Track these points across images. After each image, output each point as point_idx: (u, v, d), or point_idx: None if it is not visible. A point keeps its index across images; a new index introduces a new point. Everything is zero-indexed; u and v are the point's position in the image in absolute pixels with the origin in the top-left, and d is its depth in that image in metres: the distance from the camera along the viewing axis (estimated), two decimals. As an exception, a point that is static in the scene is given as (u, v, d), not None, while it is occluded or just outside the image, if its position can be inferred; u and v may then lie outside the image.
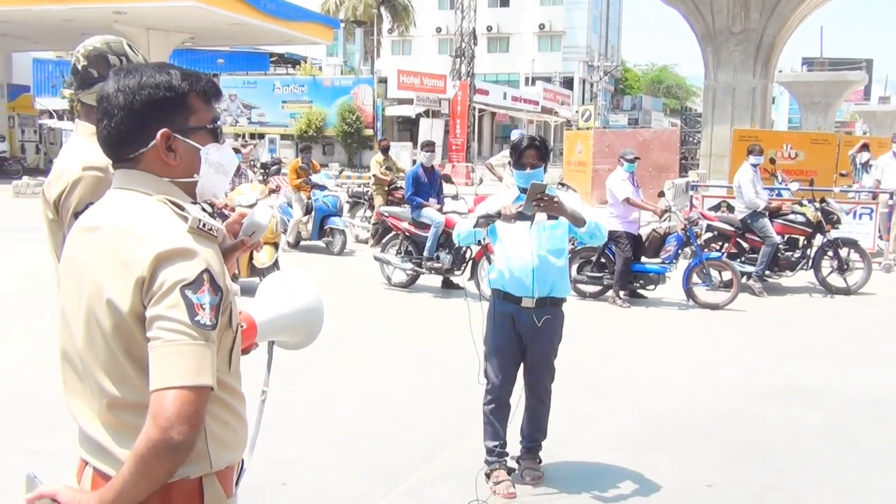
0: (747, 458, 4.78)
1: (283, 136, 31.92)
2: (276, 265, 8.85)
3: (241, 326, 2.14)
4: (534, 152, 4.31)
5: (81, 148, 2.58)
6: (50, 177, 2.61)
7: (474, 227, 4.21)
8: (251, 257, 8.71)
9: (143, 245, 1.58)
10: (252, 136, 36.77)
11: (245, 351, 2.26)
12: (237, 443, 1.79)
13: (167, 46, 29.90)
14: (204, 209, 1.84)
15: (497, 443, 4.35)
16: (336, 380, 6.21)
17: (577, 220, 4.08)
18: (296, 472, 4.47)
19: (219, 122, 1.82)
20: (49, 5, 24.35)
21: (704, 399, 5.87)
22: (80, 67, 2.63)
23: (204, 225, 1.65)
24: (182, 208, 1.66)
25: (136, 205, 1.67)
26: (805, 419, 5.49)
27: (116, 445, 1.62)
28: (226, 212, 9.15)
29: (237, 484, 1.87)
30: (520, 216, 4.04)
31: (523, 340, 4.32)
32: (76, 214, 2.40)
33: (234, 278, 2.18)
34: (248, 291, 5.52)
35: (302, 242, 12.59)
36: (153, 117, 1.69)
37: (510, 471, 4.35)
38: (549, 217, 4.10)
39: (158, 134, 1.69)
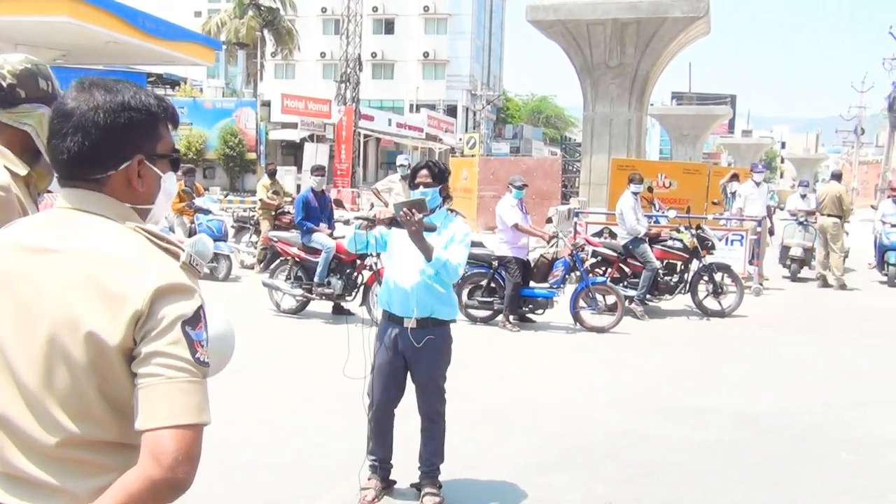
0: (643, 476, 4.92)
1: (161, 159, 30.88)
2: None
3: None
4: (426, 172, 4.39)
5: None
6: None
7: (357, 229, 4.27)
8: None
9: (139, 277, 1.50)
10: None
11: None
12: None
13: (36, 63, 28.53)
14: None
15: (374, 457, 4.46)
16: (228, 409, 5.98)
17: (425, 252, 4.12)
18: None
19: (178, 151, 1.77)
20: None
21: (598, 419, 6.02)
22: (4, 85, 2.47)
23: (194, 261, 1.60)
24: (163, 239, 1.60)
25: (107, 230, 1.58)
26: (693, 436, 5.71)
27: (64, 483, 1.51)
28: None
29: None
30: (392, 222, 4.08)
31: (407, 361, 4.33)
32: None
33: None
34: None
35: (185, 268, 12.17)
36: (130, 140, 1.61)
37: (387, 483, 4.49)
38: (426, 228, 4.07)
39: (135, 159, 1.62)
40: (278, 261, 9.77)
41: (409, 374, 4.42)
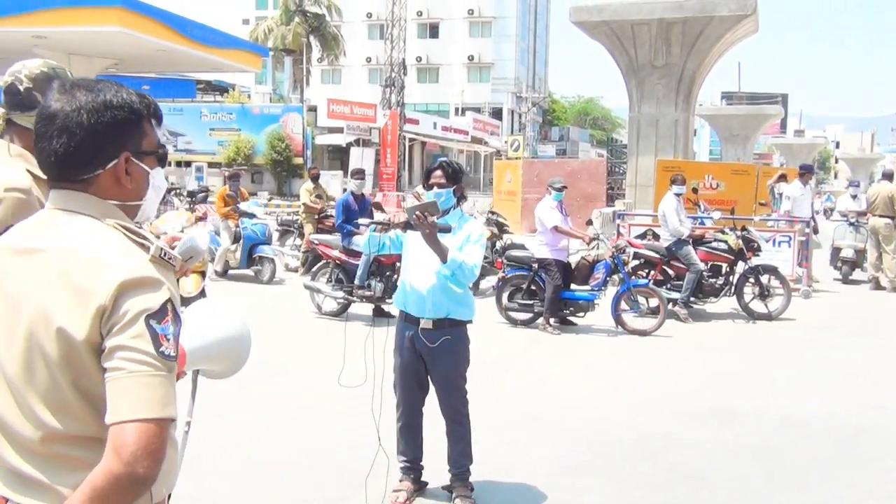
0: (681, 480, 4.83)
1: (211, 164, 31.45)
2: (202, 294, 8.62)
3: None
4: (440, 173, 4.37)
5: (2, 169, 2.48)
6: None
7: (372, 232, 4.27)
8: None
9: (104, 272, 1.51)
10: (179, 163, 36.14)
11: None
12: (174, 471, 1.74)
13: (90, 72, 29.15)
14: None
15: (405, 458, 4.46)
16: (265, 409, 6.07)
17: (440, 254, 4.07)
18: (223, 505, 4.33)
19: (165, 147, 1.78)
20: (-38, 28, 23.60)
21: (637, 423, 5.93)
22: (21, 89, 2.53)
23: (164, 254, 1.59)
24: (138, 234, 1.60)
25: (86, 228, 1.59)
26: (736, 440, 5.59)
27: (52, 479, 1.54)
28: (151, 239, 8.93)
29: None
30: (407, 225, 4.05)
31: (424, 362, 4.32)
32: None
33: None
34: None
35: (230, 271, 12.35)
36: (115, 139, 1.63)
37: (419, 484, 4.49)
38: (441, 230, 4.03)
39: (122, 157, 1.63)
40: (320, 264, 9.85)
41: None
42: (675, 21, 21.30)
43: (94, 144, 1.62)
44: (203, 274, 9.60)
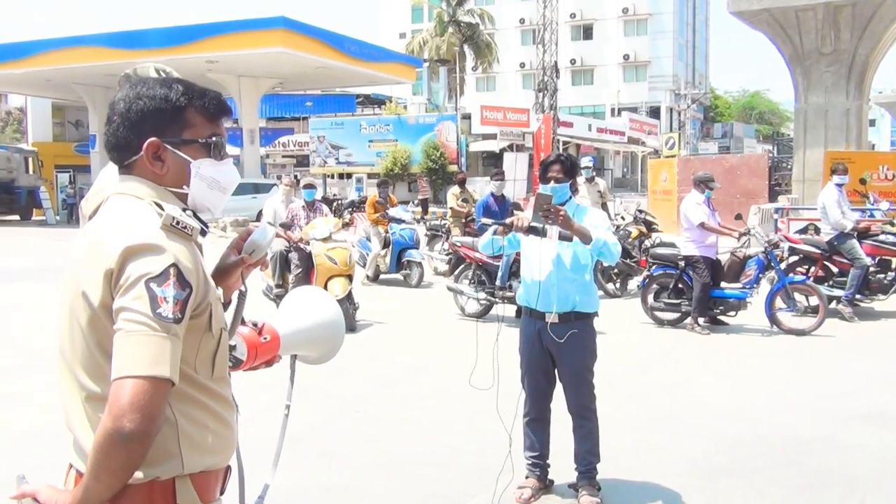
0: (826, 484, 4.52)
1: (370, 175, 32.46)
2: (349, 298, 8.94)
3: (265, 339, 2.16)
4: (558, 167, 4.33)
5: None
6: (89, 193, 2.72)
7: (493, 234, 4.26)
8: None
9: (115, 238, 1.62)
10: (341, 175, 37.61)
11: (268, 363, 2.27)
12: (219, 447, 1.77)
13: (257, 92, 31.04)
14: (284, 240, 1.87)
15: (533, 454, 4.42)
16: (404, 407, 6.20)
17: (584, 237, 4.03)
18: (352, 496, 4.47)
19: (216, 139, 1.84)
20: (148, 57, 25.65)
21: (786, 425, 5.60)
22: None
23: (177, 223, 1.67)
24: (162, 208, 1.70)
25: (124, 205, 1.72)
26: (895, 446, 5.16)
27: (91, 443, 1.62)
28: (301, 245, 9.35)
29: (222, 492, 1.85)
30: (531, 229, 4.00)
31: (552, 356, 4.26)
32: None
33: (241, 295, 2.19)
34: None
35: (381, 276, 12.72)
36: (146, 127, 1.74)
37: (545, 482, 4.43)
38: (561, 238, 4.02)
39: (146, 142, 1.74)
40: (462, 266, 9.95)
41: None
42: (843, 4, 20.07)
43: (128, 131, 1.75)
44: (349, 278, 9.92)
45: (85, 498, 1.54)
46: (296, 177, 18.58)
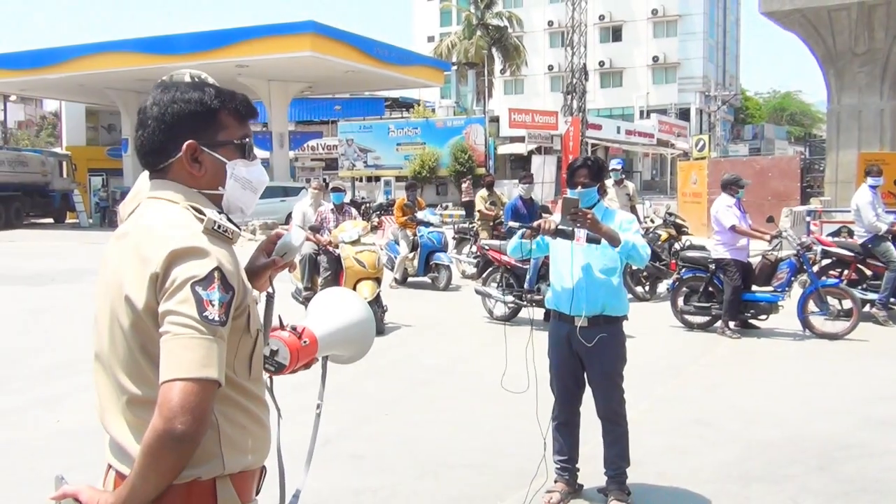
0: (860, 491, 4.45)
1: (398, 178, 32.57)
2: (377, 301, 8.97)
3: (305, 342, 2.16)
4: (585, 171, 4.33)
5: None
6: (127, 197, 2.76)
7: (521, 238, 4.29)
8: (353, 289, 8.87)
9: (159, 242, 1.63)
10: (369, 178, 37.74)
11: (307, 366, 2.28)
12: (256, 448, 1.79)
13: (287, 96, 31.27)
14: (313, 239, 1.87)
15: (562, 457, 4.41)
16: (433, 410, 6.21)
17: (612, 240, 4.04)
18: (382, 498, 4.47)
19: (248, 140, 1.88)
20: (179, 63, 25.94)
21: (820, 430, 5.52)
22: None
23: (219, 226, 1.70)
24: (201, 212, 1.72)
25: (161, 209, 1.74)
26: (931, 453, 5.08)
27: (135, 445, 1.65)
28: (330, 248, 9.40)
29: (258, 492, 1.87)
30: (559, 232, 4.01)
31: (582, 360, 4.25)
32: None
33: (270, 297, 2.22)
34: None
35: (409, 279, 12.74)
36: (182, 130, 1.77)
37: (574, 486, 4.42)
38: (589, 240, 4.01)
39: (185, 145, 1.76)
40: (490, 269, 9.94)
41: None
42: (878, 3, 19.79)
43: (163, 135, 1.77)
44: (378, 281, 9.95)
45: (130, 498, 1.56)
46: (325, 180, 18.69)
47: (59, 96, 37.90)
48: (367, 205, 27.89)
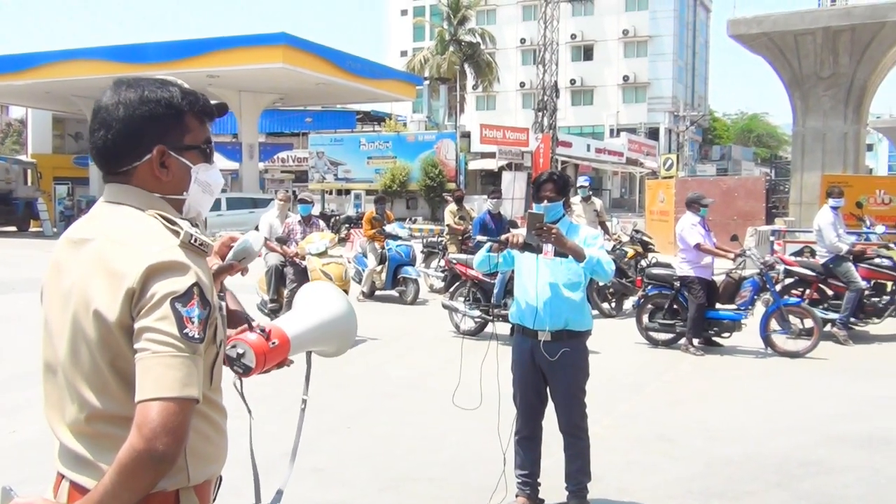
0: (818, 508, 4.49)
1: (369, 192, 32.52)
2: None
3: (274, 343, 2.11)
4: (551, 185, 4.36)
5: None
6: None
7: (488, 251, 4.31)
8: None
9: (135, 257, 1.58)
10: (339, 191, 37.64)
11: (279, 365, 2.23)
12: (217, 457, 1.77)
13: (257, 107, 31.14)
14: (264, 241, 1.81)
15: (523, 472, 4.40)
16: (397, 423, 6.18)
17: (577, 255, 4.06)
18: (342, 512, 4.43)
19: (211, 144, 1.84)
20: (149, 71, 25.74)
21: (780, 447, 5.58)
22: None
23: (195, 240, 1.65)
24: (173, 222, 1.67)
25: (126, 217, 1.68)
26: (888, 470, 5.14)
27: (96, 457, 1.61)
28: (297, 260, 9.34)
29: (214, 499, 1.84)
30: (526, 246, 4.04)
31: (544, 375, 4.25)
32: None
33: (221, 300, 2.19)
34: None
35: (376, 292, 12.70)
36: (150, 132, 1.71)
37: (535, 501, 4.41)
38: (557, 254, 4.04)
39: (154, 149, 1.71)
40: (458, 283, 9.94)
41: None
42: (842, 29, 20.22)
43: (130, 137, 1.70)
44: (345, 293, 9.89)
45: None
46: (294, 192, 18.64)
47: (26, 103, 37.35)
48: (336, 217, 27.82)
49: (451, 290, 10.02)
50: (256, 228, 10.18)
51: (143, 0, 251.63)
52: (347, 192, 35.57)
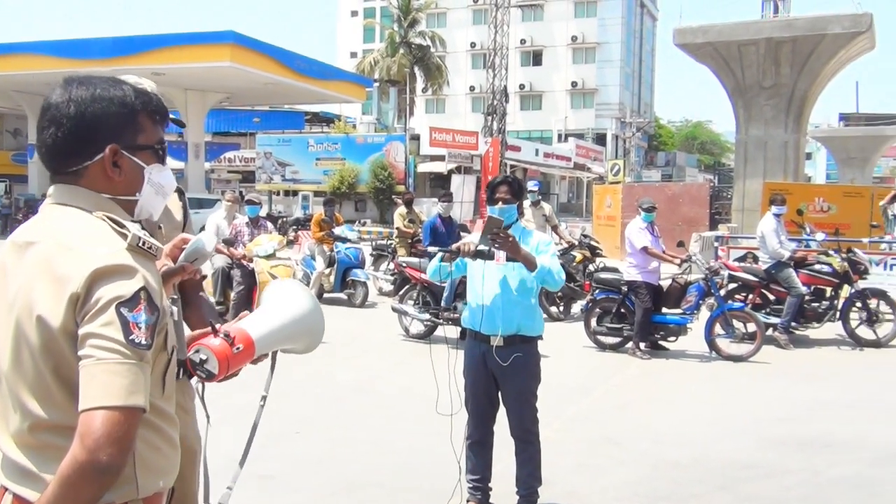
0: (760, 511, 4.58)
1: (317, 193, 32.26)
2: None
3: (238, 349, 2.04)
4: (506, 188, 4.34)
5: None
6: None
7: (440, 261, 4.28)
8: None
9: (79, 260, 1.52)
10: (287, 192, 37.28)
11: (253, 362, 2.16)
12: (168, 469, 1.72)
13: (204, 106, 30.67)
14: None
15: (474, 477, 4.40)
16: (345, 428, 6.12)
17: (529, 263, 4.07)
18: (290, 519, 4.37)
19: (164, 144, 1.79)
20: (93, 67, 25.13)
21: (723, 450, 5.67)
22: None
23: (143, 243, 1.59)
24: (121, 225, 1.61)
25: (73, 220, 1.62)
26: (828, 472, 5.27)
27: (40, 468, 1.55)
28: (244, 262, 9.21)
29: None
30: (479, 254, 4.03)
31: (496, 380, 4.26)
32: None
33: (173, 302, 2.13)
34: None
35: (325, 295, 12.58)
36: (103, 131, 1.65)
37: None
38: (508, 259, 4.06)
39: (107, 148, 1.65)
40: (407, 286, 9.91)
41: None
42: (784, 40, 20.69)
43: (81, 135, 1.64)
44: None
45: None
46: (241, 193, 18.39)
47: (-38, 98, 36.22)
48: (284, 219, 27.52)
49: (401, 293, 9.98)
50: (202, 229, 10.01)
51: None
52: (295, 193, 35.25)
